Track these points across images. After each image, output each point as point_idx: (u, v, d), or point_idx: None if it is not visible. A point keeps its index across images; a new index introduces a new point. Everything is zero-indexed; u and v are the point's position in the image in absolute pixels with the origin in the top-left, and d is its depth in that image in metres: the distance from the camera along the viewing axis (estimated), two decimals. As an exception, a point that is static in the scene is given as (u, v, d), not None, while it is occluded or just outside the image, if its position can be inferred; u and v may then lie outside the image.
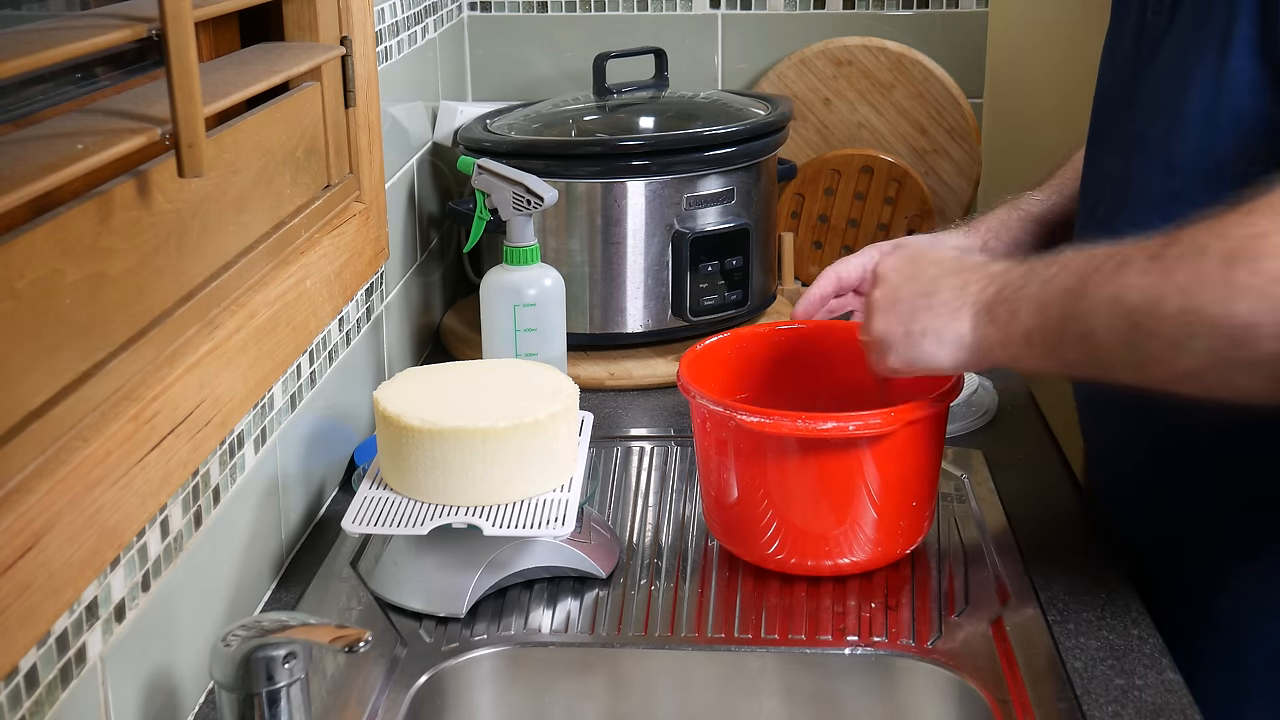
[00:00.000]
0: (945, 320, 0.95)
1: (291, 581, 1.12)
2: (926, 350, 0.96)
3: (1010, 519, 1.18)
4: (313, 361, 1.19)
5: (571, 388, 1.11)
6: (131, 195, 0.84)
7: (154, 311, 0.87)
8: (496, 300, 1.35)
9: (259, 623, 0.81)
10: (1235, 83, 0.94)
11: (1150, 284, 0.81)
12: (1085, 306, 0.85)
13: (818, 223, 1.85)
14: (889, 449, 1.05)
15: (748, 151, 1.54)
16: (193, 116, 0.79)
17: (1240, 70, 0.94)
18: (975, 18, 1.84)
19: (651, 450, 1.35)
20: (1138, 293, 0.82)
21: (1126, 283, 0.82)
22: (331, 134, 1.20)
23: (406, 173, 1.52)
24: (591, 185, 1.51)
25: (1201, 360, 0.80)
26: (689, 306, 1.53)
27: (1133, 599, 1.05)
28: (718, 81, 1.88)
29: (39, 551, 0.70)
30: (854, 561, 1.08)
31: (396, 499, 1.06)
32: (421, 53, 1.58)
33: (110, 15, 0.81)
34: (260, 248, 1.03)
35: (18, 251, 0.71)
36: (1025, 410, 1.41)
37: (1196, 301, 0.78)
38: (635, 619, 1.05)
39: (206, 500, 0.96)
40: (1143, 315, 0.81)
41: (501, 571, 1.07)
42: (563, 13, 1.87)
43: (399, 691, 0.98)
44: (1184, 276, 0.79)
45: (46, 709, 0.75)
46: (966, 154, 1.85)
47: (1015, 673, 0.97)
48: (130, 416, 0.80)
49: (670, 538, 1.17)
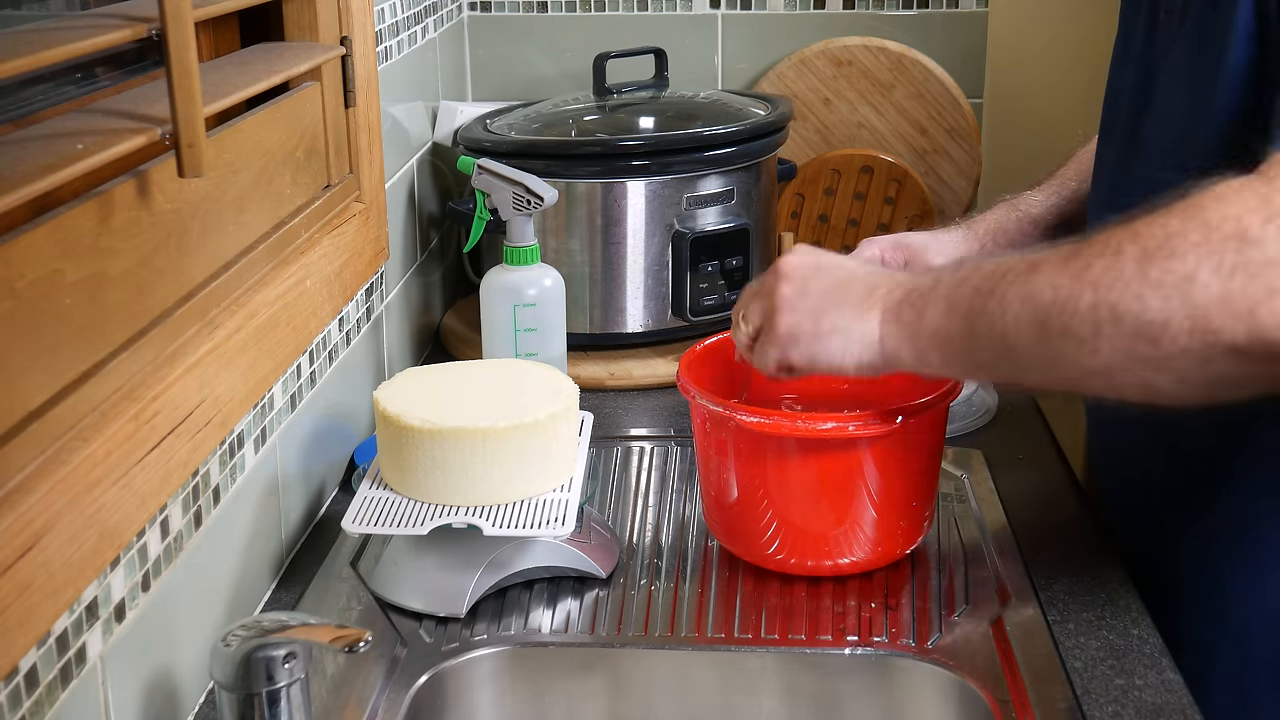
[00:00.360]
0: (853, 320, 0.95)
1: (291, 581, 1.12)
2: (833, 348, 0.96)
3: (1010, 519, 1.18)
4: (313, 361, 1.19)
5: (571, 388, 1.11)
6: (131, 195, 0.84)
7: (154, 311, 0.87)
8: (496, 300, 1.35)
9: (259, 623, 0.81)
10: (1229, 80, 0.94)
11: (1063, 282, 0.81)
12: (995, 306, 0.85)
13: (818, 223, 1.85)
14: (889, 449, 1.05)
15: (748, 151, 1.54)
16: (193, 116, 0.79)
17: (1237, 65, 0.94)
18: (975, 18, 1.84)
19: (651, 450, 1.35)
20: (1051, 290, 0.82)
21: (1039, 281, 0.83)
22: (331, 134, 1.20)
23: (406, 173, 1.52)
24: (591, 185, 1.51)
25: (1112, 358, 0.80)
26: (689, 306, 1.53)
27: (1133, 599, 1.05)
28: (718, 81, 1.88)
29: (39, 551, 0.70)
30: (854, 561, 1.08)
31: (396, 499, 1.06)
32: (421, 53, 1.59)
33: (110, 15, 0.81)
34: (260, 248, 1.03)
35: (18, 251, 0.71)
36: (1025, 410, 1.41)
37: (1109, 298, 0.79)
38: (635, 619, 1.05)
39: (206, 500, 0.96)
40: (1055, 312, 0.81)
41: (501, 571, 1.07)
42: (563, 13, 1.87)
43: (399, 691, 0.98)
44: (1097, 274, 0.80)
45: (46, 709, 0.75)
46: (966, 154, 1.85)
47: (1015, 673, 0.97)
48: (130, 416, 0.81)
49: (670, 538, 1.17)
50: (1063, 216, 1.25)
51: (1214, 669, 1.04)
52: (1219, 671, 1.05)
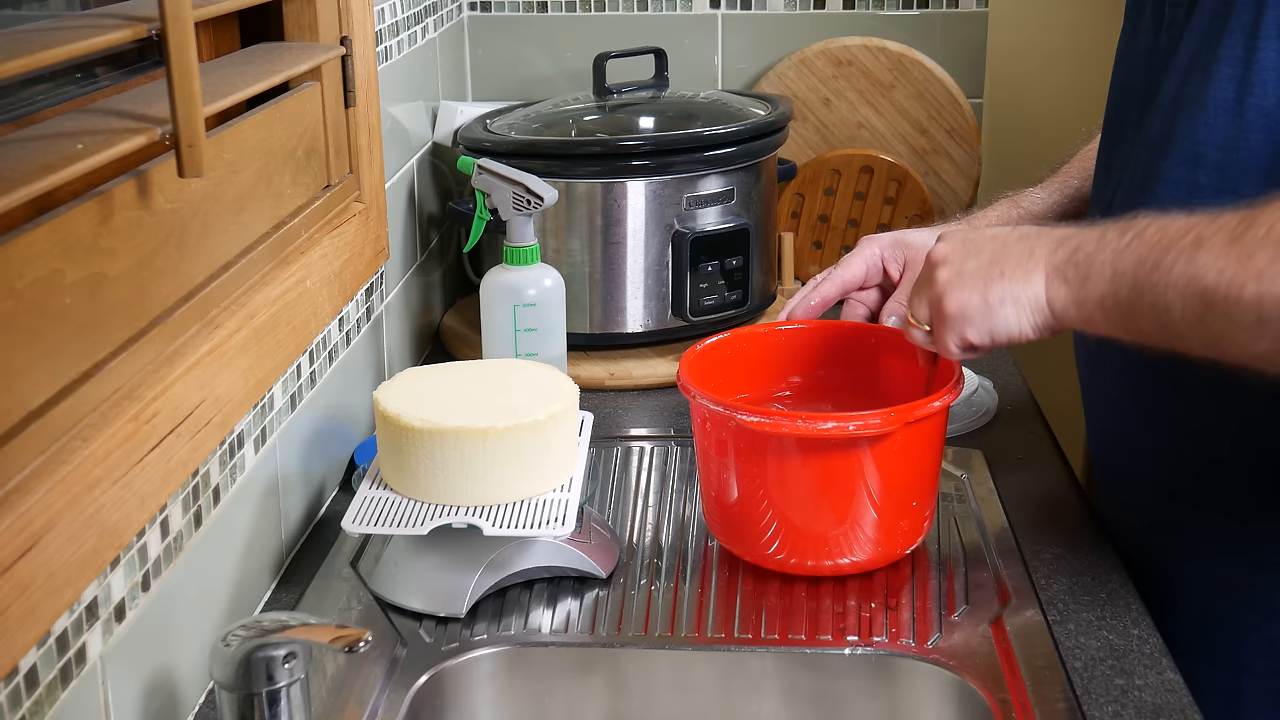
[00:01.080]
0: (1020, 286, 0.94)
1: (291, 581, 1.12)
2: (1007, 318, 0.95)
3: (1010, 519, 1.18)
4: (313, 361, 1.19)
5: (571, 388, 1.11)
6: (131, 195, 0.84)
7: (154, 311, 0.87)
8: (496, 300, 1.35)
9: (259, 623, 0.81)
10: (1264, 74, 0.94)
11: (1226, 267, 0.82)
12: (1159, 280, 0.86)
13: (818, 223, 1.85)
14: (889, 449, 1.05)
15: (748, 151, 1.54)
16: (193, 116, 0.79)
17: (1269, 62, 0.94)
18: (975, 18, 1.84)
19: (651, 450, 1.35)
20: (1214, 274, 0.83)
21: (1202, 263, 0.83)
22: (331, 134, 1.20)
23: (406, 173, 1.52)
24: (591, 185, 1.51)
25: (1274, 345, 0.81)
26: (689, 306, 1.53)
27: (1133, 599, 1.05)
28: (718, 81, 1.88)
29: (39, 551, 0.70)
30: (854, 561, 1.08)
31: (396, 499, 1.06)
32: (421, 53, 1.58)
33: (110, 15, 0.81)
34: (260, 248, 1.03)
35: (18, 251, 0.71)
36: (1025, 410, 1.41)
37: (1273, 290, 0.80)
38: (635, 619, 1.05)
39: (206, 500, 0.96)
40: (1218, 297, 0.82)
41: (501, 571, 1.07)
42: (563, 13, 1.87)
43: (399, 691, 0.98)
44: (1261, 265, 0.81)
45: (46, 709, 0.75)
46: (966, 154, 1.85)
47: (1015, 673, 0.97)
48: (130, 416, 0.80)
49: (670, 538, 1.17)
50: (1064, 214, 1.25)
51: (1213, 669, 1.05)
52: (1218, 672, 1.05)
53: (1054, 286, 0.93)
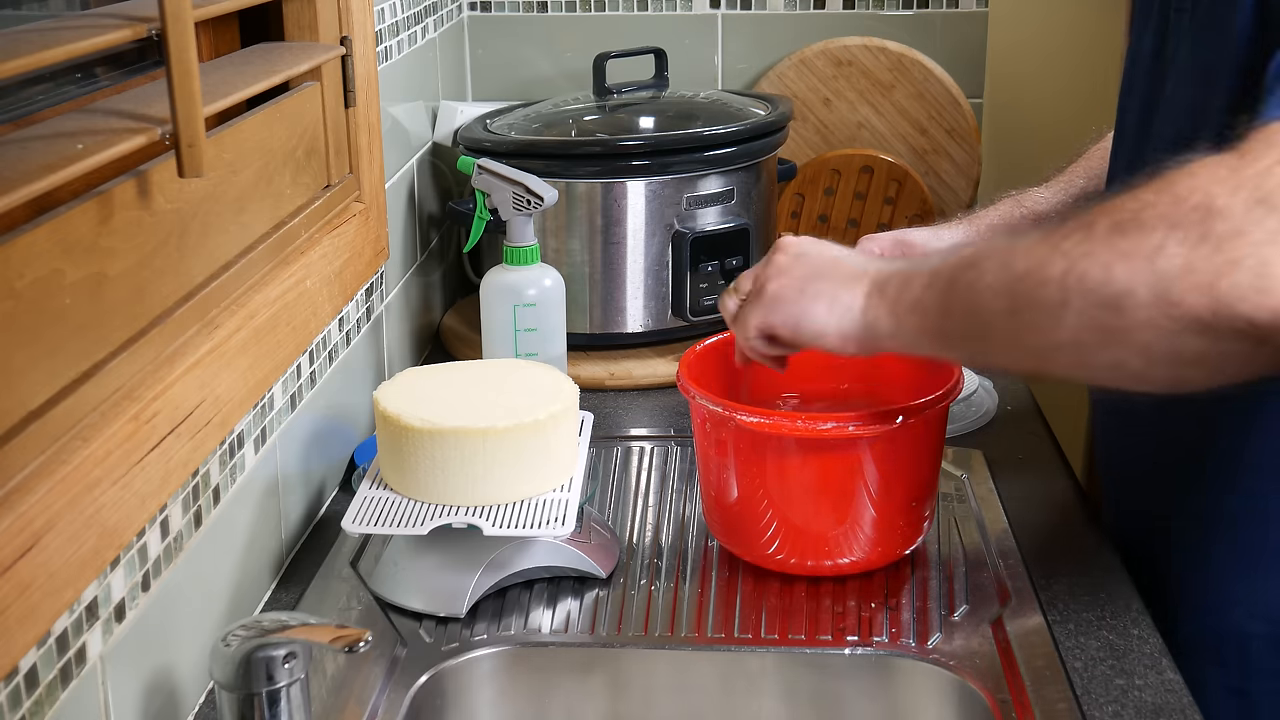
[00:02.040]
0: (840, 288, 0.96)
1: (291, 581, 1.12)
2: (817, 312, 0.96)
3: (1010, 519, 1.18)
4: (313, 361, 1.19)
5: (571, 388, 1.11)
6: (131, 195, 0.84)
7: (154, 311, 0.87)
8: (496, 300, 1.35)
9: (259, 623, 0.81)
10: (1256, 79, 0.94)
11: (1038, 251, 0.82)
12: (974, 278, 0.86)
13: (818, 223, 1.85)
14: (889, 449, 1.05)
15: (748, 151, 1.54)
16: (193, 116, 0.79)
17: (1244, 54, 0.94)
18: (975, 18, 1.84)
19: (651, 450, 1.35)
20: (1025, 258, 0.82)
21: (1016, 250, 0.84)
22: (331, 134, 1.20)
23: (406, 173, 1.52)
24: (591, 185, 1.51)
25: (1078, 330, 0.80)
26: (689, 306, 1.53)
27: (1133, 599, 1.05)
28: (718, 81, 1.88)
29: (39, 551, 0.70)
30: (854, 561, 1.08)
31: (396, 499, 1.06)
32: (421, 53, 1.58)
33: (110, 15, 0.81)
34: (260, 248, 1.03)
35: (18, 251, 0.71)
36: (1025, 410, 1.41)
37: (1078, 267, 0.79)
38: (635, 619, 1.05)
39: (206, 500, 0.96)
40: (1026, 280, 0.82)
41: (501, 571, 1.07)
42: (563, 13, 1.87)
43: (399, 691, 0.98)
44: (1070, 245, 0.80)
45: (46, 709, 0.75)
46: (966, 154, 1.85)
47: (1015, 673, 0.97)
48: (130, 416, 0.80)
49: (670, 538, 1.17)
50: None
51: (1214, 669, 1.04)
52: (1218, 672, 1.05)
53: (871, 296, 0.94)
